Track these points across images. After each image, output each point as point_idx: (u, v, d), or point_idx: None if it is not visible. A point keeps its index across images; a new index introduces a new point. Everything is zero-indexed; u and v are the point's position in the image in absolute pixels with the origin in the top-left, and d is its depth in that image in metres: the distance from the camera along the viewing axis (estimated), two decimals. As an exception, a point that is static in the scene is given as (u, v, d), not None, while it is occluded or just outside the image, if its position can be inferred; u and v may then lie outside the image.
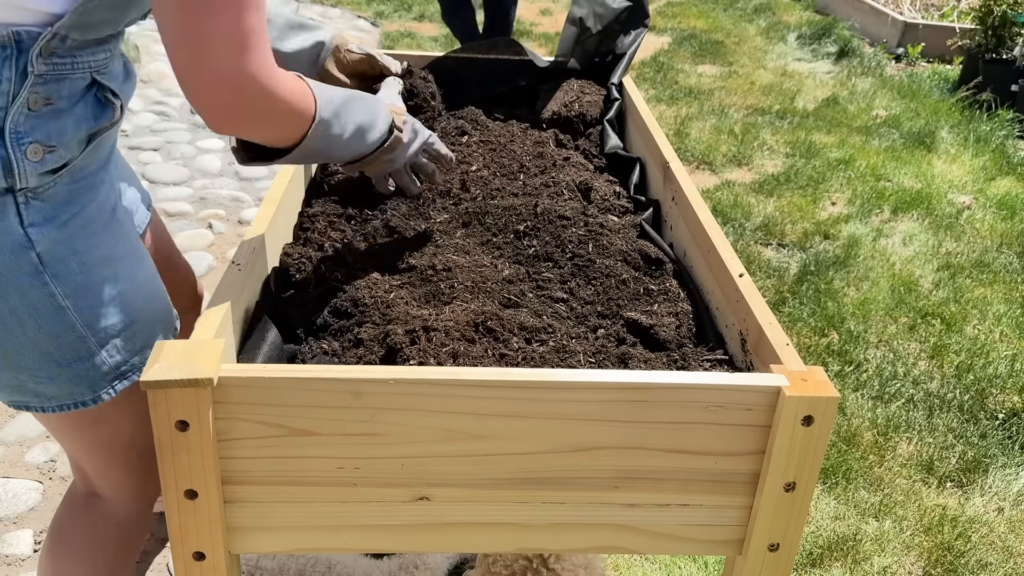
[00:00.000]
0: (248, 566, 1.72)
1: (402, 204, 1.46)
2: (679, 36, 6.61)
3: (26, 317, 1.02)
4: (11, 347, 1.03)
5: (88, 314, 1.05)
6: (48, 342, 1.04)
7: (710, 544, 1.00)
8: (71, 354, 1.06)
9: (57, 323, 1.04)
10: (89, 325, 1.06)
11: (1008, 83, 5.05)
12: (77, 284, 1.04)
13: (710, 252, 1.23)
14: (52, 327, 1.03)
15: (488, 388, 0.89)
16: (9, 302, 1.01)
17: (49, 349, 1.05)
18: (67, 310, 1.04)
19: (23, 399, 1.09)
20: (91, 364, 1.08)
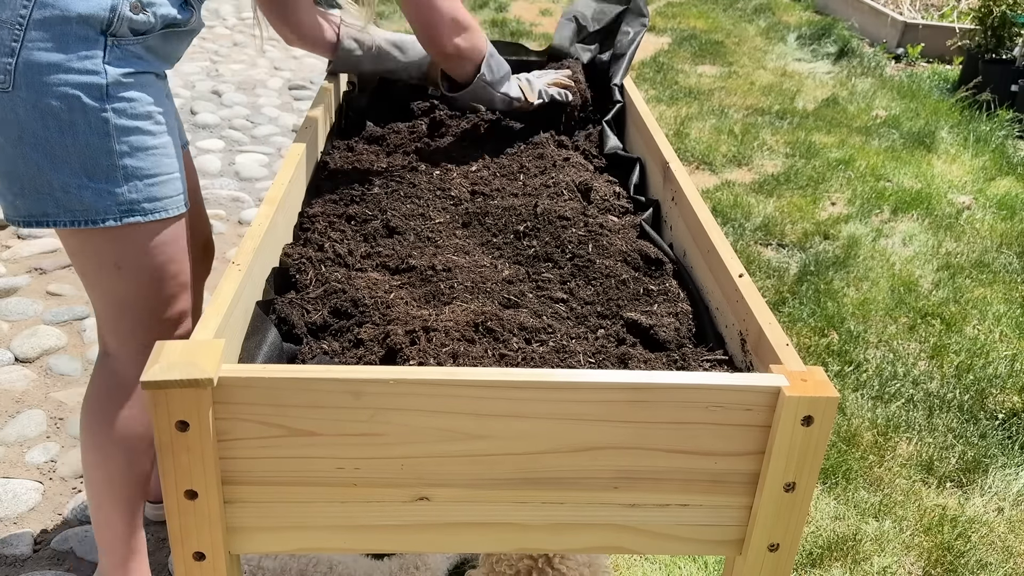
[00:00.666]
0: (250, 566, 1.72)
1: (402, 204, 1.46)
2: (679, 36, 6.61)
3: (81, 130, 1.29)
4: (61, 152, 1.30)
5: (125, 148, 1.33)
6: (89, 157, 1.31)
7: (710, 544, 1.00)
8: (101, 173, 1.32)
9: (101, 144, 1.31)
10: (122, 156, 1.33)
11: (1008, 83, 5.05)
12: (124, 123, 1.32)
13: (710, 252, 1.23)
14: (96, 145, 1.30)
15: (488, 388, 0.89)
16: (74, 115, 1.28)
17: (87, 163, 1.31)
18: (112, 138, 1.31)
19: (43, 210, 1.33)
20: (113, 189, 1.33)
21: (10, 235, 3.30)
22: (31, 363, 2.60)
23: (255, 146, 4.27)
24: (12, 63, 1.25)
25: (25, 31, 1.24)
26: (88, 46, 1.27)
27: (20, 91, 1.26)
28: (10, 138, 1.29)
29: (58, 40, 1.25)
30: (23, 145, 1.29)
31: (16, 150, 1.30)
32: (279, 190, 1.31)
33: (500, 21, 6.74)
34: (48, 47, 1.25)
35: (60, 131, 1.29)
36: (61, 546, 1.99)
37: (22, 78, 1.26)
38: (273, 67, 5.41)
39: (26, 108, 1.27)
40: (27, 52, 1.25)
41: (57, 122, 1.28)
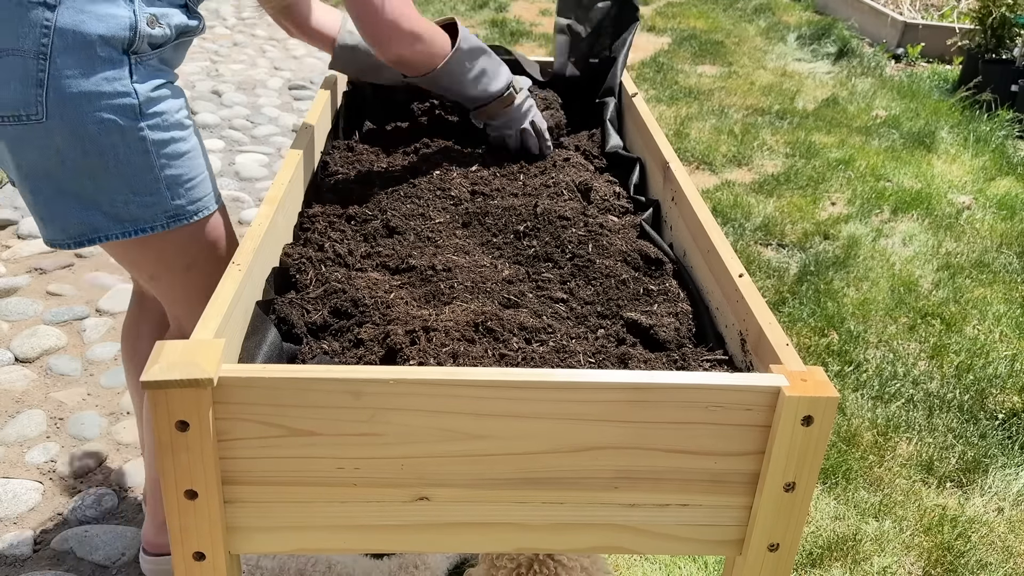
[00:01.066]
0: (248, 566, 1.72)
1: (402, 204, 1.46)
2: (679, 36, 6.61)
3: (121, 151, 1.32)
4: (103, 174, 1.33)
5: (164, 161, 1.37)
6: (132, 174, 1.35)
7: (710, 544, 1.00)
8: (144, 188, 1.37)
9: (142, 162, 1.35)
10: (162, 169, 1.37)
11: (1008, 83, 5.05)
12: (159, 137, 1.36)
13: (710, 252, 1.23)
14: (137, 164, 1.34)
15: (488, 388, 0.89)
16: (112, 137, 1.31)
17: (130, 181, 1.35)
18: (151, 154, 1.35)
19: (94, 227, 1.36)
20: (158, 199, 1.39)
21: (10, 235, 3.30)
22: (31, 363, 2.60)
23: (255, 146, 4.27)
24: (43, 94, 1.25)
25: (49, 61, 1.24)
26: (114, 67, 1.28)
27: (55, 120, 1.26)
28: (52, 164, 1.31)
29: (84, 66, 1.25)
30: (65, 170, 1.31)
31: (59, 174, 1.32)
32: (279, 190, 1.31)
33: (500, 21, 6.74)
34: (76, 74, 1.25)
35: (100, 154, 1.31)
36: (61, 546, 1.99)
37: (55, 108, 1.26)
38: (273, 67, 5.41)
39: (63, 136, 1.28)
40: (55, 81, 1.24)
41: (96, 146, 1.30)
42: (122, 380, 2.54)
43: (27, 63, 1.23)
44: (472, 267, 1.28)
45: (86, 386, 2.51)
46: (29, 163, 1.32)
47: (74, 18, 1.24)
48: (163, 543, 1.84)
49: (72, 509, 2.09)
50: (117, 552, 1.98)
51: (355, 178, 1.57)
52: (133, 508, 2.11)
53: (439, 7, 7.12)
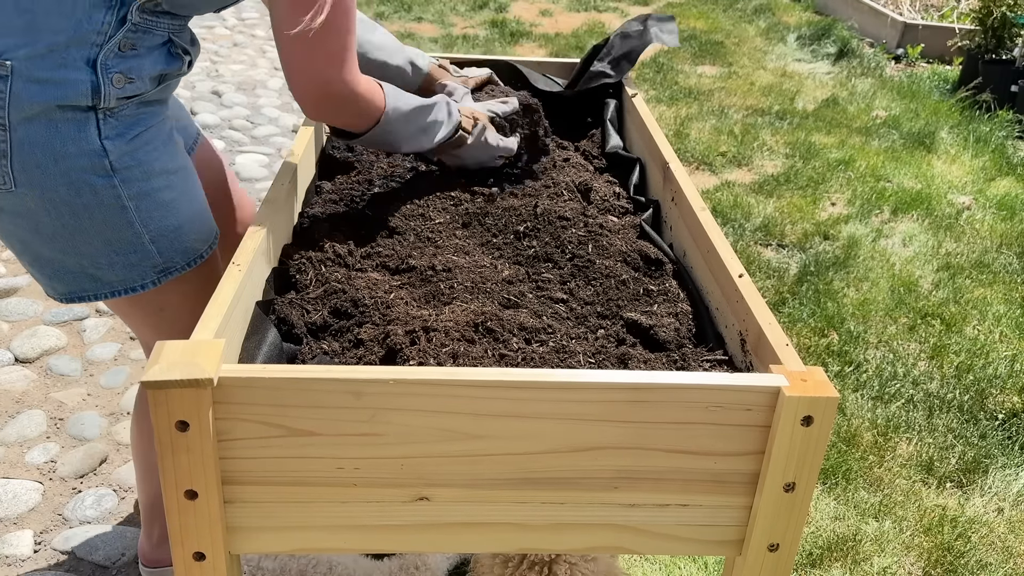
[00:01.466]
0: (249, 566, 1.72)
1: (402, 204, 1.46)
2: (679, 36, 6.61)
3: (96, 211, 1.25)
4: (81, 236, 1.26)
5: (145, 215, 1.29)
6: (111, 234, 1.27)
7: (710, 544, 1.00)
8: (127, 246, 1.29)
9: (120, 219, 1.27)
10: (145, 224, 1.29)
11: (1008, 84, 5.05)
12: (139, 189, 1.27)
13: (710, 252, 1.23)
14: (115, 222, 1.27)
15: (488, 388, 0.89)
16: (83, 198, 1.23)
17: (111, 240, 1.28)
18: (129, 209, 1.27)
19: (82, 287, 1.32)
20: (143, 255, 1.31)
21: (10, 235, 3.30)
22: (31, 363, 2.60)
23: (255, 146, 4.27)
24: (7, 163, 1.20)
25: (9, 131, 1.18)
26: (79, 127, 1.20)
27: (23, 188, 1.22)
28: (28, 230, 1.26)
29: (47, 131, 1.19)
30: (40, 236, 1.26)
31: (36, 239, 1.27)
32: (279, 190, 1.31)
33: (500, 21, 6.74)
34: (39, 141, 1.19)
35: (75, 216, 1.25)
36: (61, 546, 1.99)
37: (22, 176, 1.21)
38: (273, 67, 5.41)
39: (35, 203, 1.23)
40: (19, 150, 1.19)
41: (70, 208, 1.24)
42: (122, 380, 2.54)
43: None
44: (472, 267, 1.28)
45: (86, 386, 2.51)
46: (7, 230, 1.28)
47: (27, 88, 1.16)
48: (159, 558, 1.83)
49: (72, 509, 2.09)
50: (117, 552, 1.98)
51: (355, 178, 1.57)
52: (133, 508, 2.11)
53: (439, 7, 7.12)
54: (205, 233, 1.40)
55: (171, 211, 1.32)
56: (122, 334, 2.76)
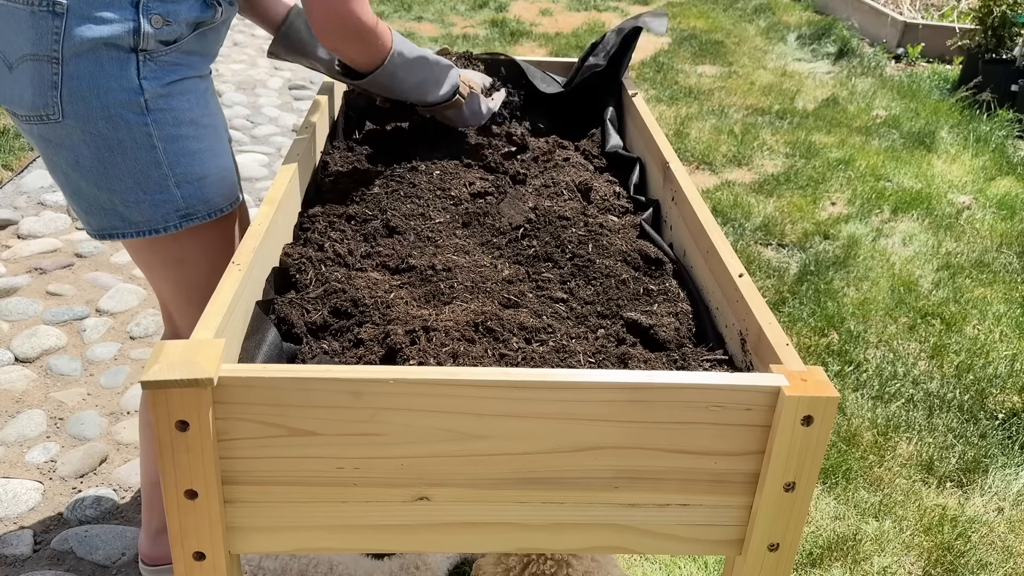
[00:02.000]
0: (250, 566, 1.72)
1: (402, 204, 1.46)
2: (679, 36, 6.61)
3: (128, 147, 1.36)
4: (114, 172, 1.37)
5: (172, 158, 1.39)
6: (139, 171, 1.38)
7: (710, 544, 1.00)
8: (154, 185, 1.40)
9: (149, 157, 1.38)
10: (171, 166, 1.40)
11: (1008, 83, 5.05)
12: (168, 132, 1.38)
13: (710, 252, 1.23)
14: (145, 159, 1.38)
15: (488, 388, 0.89)
16: (119, 133, 1.35)
17: (139, 178, 1.38)
18: (158, 149, 1.38)
19: (112, 224, 1.42)
20: (168, 197, 1.41)
21: (10, 235, 3.30)
22: (31, 363, 2.60)
23: (255, 146, 4.27)
24: (57, 95, 1.32)
25: (61, 64, 1.30)
26: (122, 66, 1.32)
27: (69, 120, 1.33)
28: (69, 163, 1.38)
29: (93, 66, 1.31)
30: (80, 169, 1.38)
31: (76, 173, 1.38)
32: (279, 190, 1.31)
33: (500, 21, 6.74)
34: (85, 75, 1.31)
35: (110, 151, 1.36)
36: (61, 546, 1.99)
37: (69, 107, 1.32)
38: (273, 67, 5.41)
39: (77, 134, 1.34)
40: (68, 83, 1.31)
41: (107, 143, 1.35)
42: (122, 380, 2.54)
43: (42, 67, 1.31)
44: (472, 267, 1.28)
45: (86, 386, 2.51)
46: (54, 161, 1.40)
47: (80, 25, 1.29)
48: (158, 555, 1.84)
49: (72, 509, 2.09)
50: (117, 552, 1.98)
51: (355, 178, 1.57)
52: (133, 508, 2.11)
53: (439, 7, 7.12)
54: (227, 191, 1.49)
55: (196, 160, 1.42)
56: (122, 334, 2.76)
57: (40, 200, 3.54)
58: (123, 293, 2.95)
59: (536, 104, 1.92)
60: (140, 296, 2.96)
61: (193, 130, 1.42)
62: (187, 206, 1.43)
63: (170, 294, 1.57)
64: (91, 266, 3.13)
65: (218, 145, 1.48)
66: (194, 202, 1.44)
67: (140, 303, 2.92)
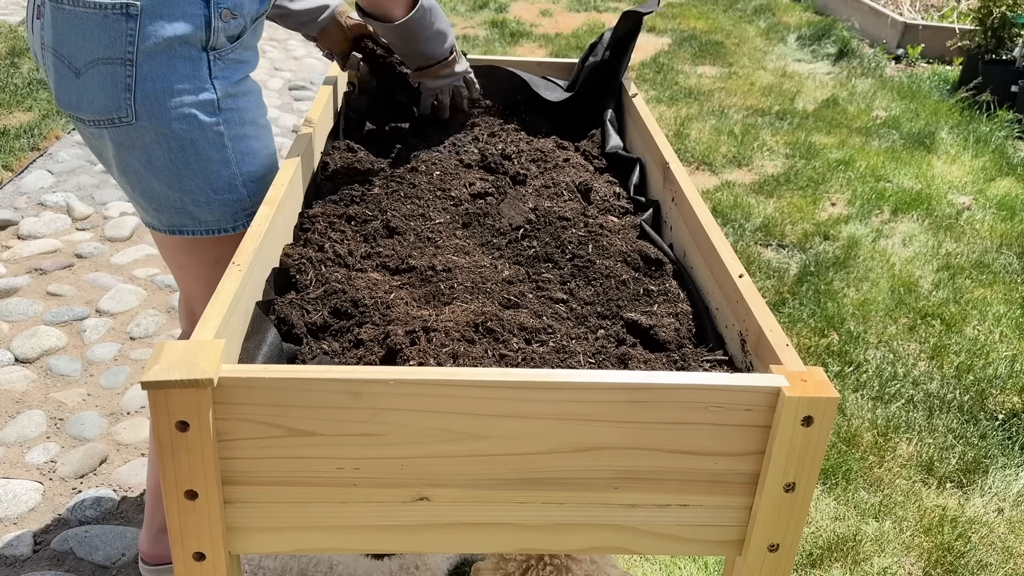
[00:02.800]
0: (251, 565, 1.72)
1: (402, 204, 1.46)
2: (679, 37, 6.61)
3: (201, 147, 1.39)
4: (186, 171, 1.40)
5: (240, 157, 1.43)
6: (211, 171, 1.41)
7: (710, 544, 1.00)
8: (224, 185, 1.43)
9: (220, 157, 1.41)
10: (239, 165, 1.43)
11: (1008, 84, 5.05)
12: (237, 132, 1.42)
13: (710, 253, 1.23)
14: (216, 159, 1.40)
15: (488, 388, 0.89)
16: (193, 133, 1.37)
17: (211, 177, 1.41)
18: (228, 149, 1.41)
19: (182, 222, 1.45)
20: (236, 196, 1.45)
21: (10, 235, 3.30)
22: (31, 363, 2.60)
23: (255, 146, 4.27)
24: (131, 97, 1.33)
25: (136, 66, 1.32)
26: (194, 66, 1.35)
27: (143, 121, 1.35)
28: (141, 162, 1.40)
29: (167, 67, 1.33)
30: (152, 169, 1.40)
31: (148, 173, 1.40)
32: (279, 190, 1.31)
33: (500, 21, 6.74)
34: (159, 75, 1.33)
35: (183, 151, 1.38)
36: (61, 546, 1.99)
37: (143, 109, 1.34)
38: (273, 67, 5.41)
39: (150, 135, 1.36)
40: (142, 84, 1.33)
41: (180, 143, 1.37)
42: (122, 380, 2.54)
43: (116, 70, 1.32)
44: (472, 267, 1.28)
45: (86, 386, 2.51)
46: (125, 161, 1.41)
47: (153, 24, 1.31)
48: (159, 553, 1.84)
49: (72, 509, 2.09)
50: (117, 552, 1.98)
51: (355, 178, 1.57)
52: (133, 508, 2.11)
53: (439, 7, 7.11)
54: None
55: (258, 159, 1.47)
56: (122, 334, 2.76)
57: (40, 200, 3.54)
58: (123, 293, 2.95)
59: (536, 105, 1.92)
60: (140, 297, 2.96)
61: (254, 130, 1.46)
62: (252, 204, 1.46)
63: (200, 293, 1.58)
64: (91, 266, 3.13)
65: (272, 145, 1.53)
66: (257, 200, 1.46)
67: (140, 303, 2.92)
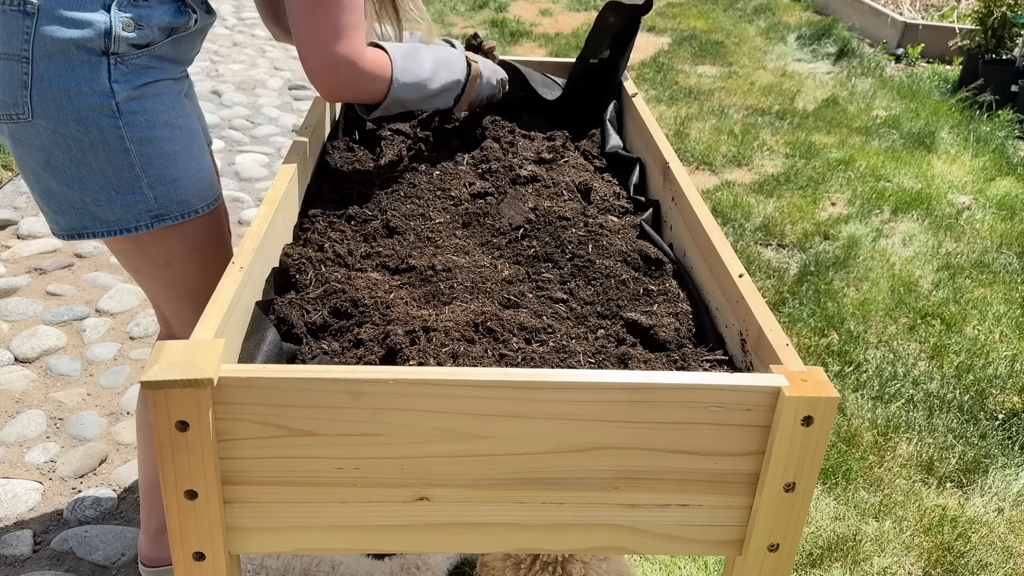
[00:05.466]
0: (253, 565, 1.72)
1: (402, 204, 1.46)
2: (679, 36, 6.61)
3: (100, 149, 1.36)
4: (86, 171, 1.37)
5: (145, 160, 1.39)
6: (112, 173, 1.37)
7: (710, 544, 1.00)
8: (126, 186, 1.39)
9: (121, 160, 1.37)
10: (144, 168, 1.39)
11: (1008, 84, 5.05)
12: (141, 135, 1.38)
13: (710, 252, 1.23)
14: (117, 162, 1.37)
15: (488, 388, 0.89)
16: (90, 135, 1.34)
17: (111, 179, 1.38)
18: (130, 152, 1.37)
19: (83, 223, 1.41)
20: (140, 197, 1.41)
21: (10, 235, 3.30)
22: (31, 363, 2.60)
23: (255, 146, 4.27)
24: (27, 95, 1.32)
25: (32, 64, 1.30)
26: (93, 68, 1.32)
27: (39, 119, 1.33)
28: (39, 162, 1.37)
29: (63, 68, 1.31)
30: (51, 168, 1.37)
31: (46, 173, 1.38)
32: (279, 190, 1.31)
33: (500, 21, 6.74)
34: (55, 76, 1.31)
35: (82, 151, 1.35)
36: (61, 546, 1.99)
37: (39, 107, 1.32)
38: (273, 67, 5.41)
39: (48, 135, 1.34)
40: (38, 83, 1.31)
41: (78, 144, 1.35)
42: (121, 380, 2.54)
43: (12, 66, 1.31)
44: (472, 267, 1.28)
45: (86, 386, 2.51)
46: (23, 160, 1.39)
47: (50, 25, 1.29)
48: (158, 556, 1.84)
49: (72, 509, 2.09)
50: (117, 552, 1.98)
51: (355, 178, 1.57)
52: (133, 508, 2.11)
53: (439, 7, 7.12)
54: (204, 191, 1.49)
55: (171, 162, 1.42)
56: (122, 334, 2.76)
57: (40, 200, 3.54)
58: (123, 293, 2.95)
59: (537, 104, 1.92)
60: (140, 296, 2.96)
61: (168, 132, 1.41)
62: (159, 206, 1.43)
63: (162, 296, 1.57)
64: (91, 266, 3.13)
65: (194, 146, 1.47)
66: (167, 203, 1.43)
67: (140, 303, 2.92)
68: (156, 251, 1.48)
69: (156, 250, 1.48)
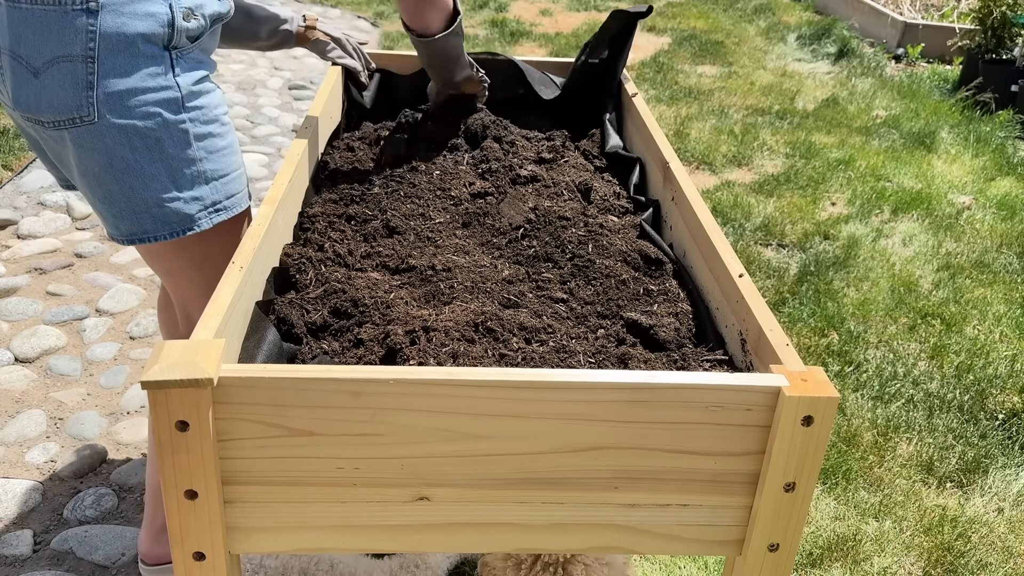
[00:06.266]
0: (252, 564, 1.72)
1: (402, 204, 1.46)
2: (679, 36, 6.61)
3: (166, 144, 1.38)
4: (150, 169, 1.38)
5: (204, 155, 1.43)
6: (175, 169, 1.40)
7: (710, 544, 1.00)
8: (187, 183, 1.42)
9: (184, 155, 1.40)
10: (203, 162, 1.43)
11: (1008, 83, 5.05)
12: (202, 130, 1.41)
13: (710, 252, 1.23)
14: (181, 157, 1.40)
15: (488, 388, 0.89)
16: (158, 131, 1.36)
17: (174, 176, 1.40)
18: (193, 146, 1.41)
19: (143, 228, 1.42)
20: (200, 194, 1.44)
21: (10, 235, 3.30)
22: (31, 363, 2.59)
23: (255, 146, 4.27)
24: (92, 95, 1.32)
25: (97, 63, 1.30)
26: (157, 63, 1.35)
27: (105, 120, 1.33)
28: (101, 165, 1.37)
29: (129, 64, 1.32)
30: (113, 171, 1.37)
31: (108, 176, 1.38)
32: (279, 190, 1.31)
33: (500, 21, 6.74)
34: (121, 73, 1.32)
35: (147, 149, 1.37)
36: (61, 546, 1.99)
37: (105, 108, 1.33)
38: (273, 67, 5.41)
39: (113, 135, 1.35)
40: (103, 82, 1.32)
41: (144, 141, 1.36)
42: (121, 380, 2.54)
43: (76, 67, 1.30)
44: (472, 267, 1.28)
45: (86, 386, 2.51)
46: (85, 165, 1.38)
47: (115, 21, 1.30)
48: (158, 554, 1.84)
49: (72, 509, 2.09)
50: (117, 552, 1.98)
51: (355, 178, 1.57)
52: (133, 508, 2.11)
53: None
54: (243, 186, 1.54)
55: (223, 156, 1.46)
56: (122, 334, 2.76)
57: (40, 200, 3.53)
58: (123, 293, 2.95)
59: (536, 104, 1.92)
60: (140, 296, 2.96)
61: (218, 127, 1.45)
62: (215, 202, 1.46)
63: (194, 296, 1.58)
64: (91, 266, 3.13)
65: (235, 143, 1.52)
66: (221, 198, 1.47)
67: (140, 303, 2.92)
68: (194, 250, 1.50)
69: (194, 249, 1.50)
